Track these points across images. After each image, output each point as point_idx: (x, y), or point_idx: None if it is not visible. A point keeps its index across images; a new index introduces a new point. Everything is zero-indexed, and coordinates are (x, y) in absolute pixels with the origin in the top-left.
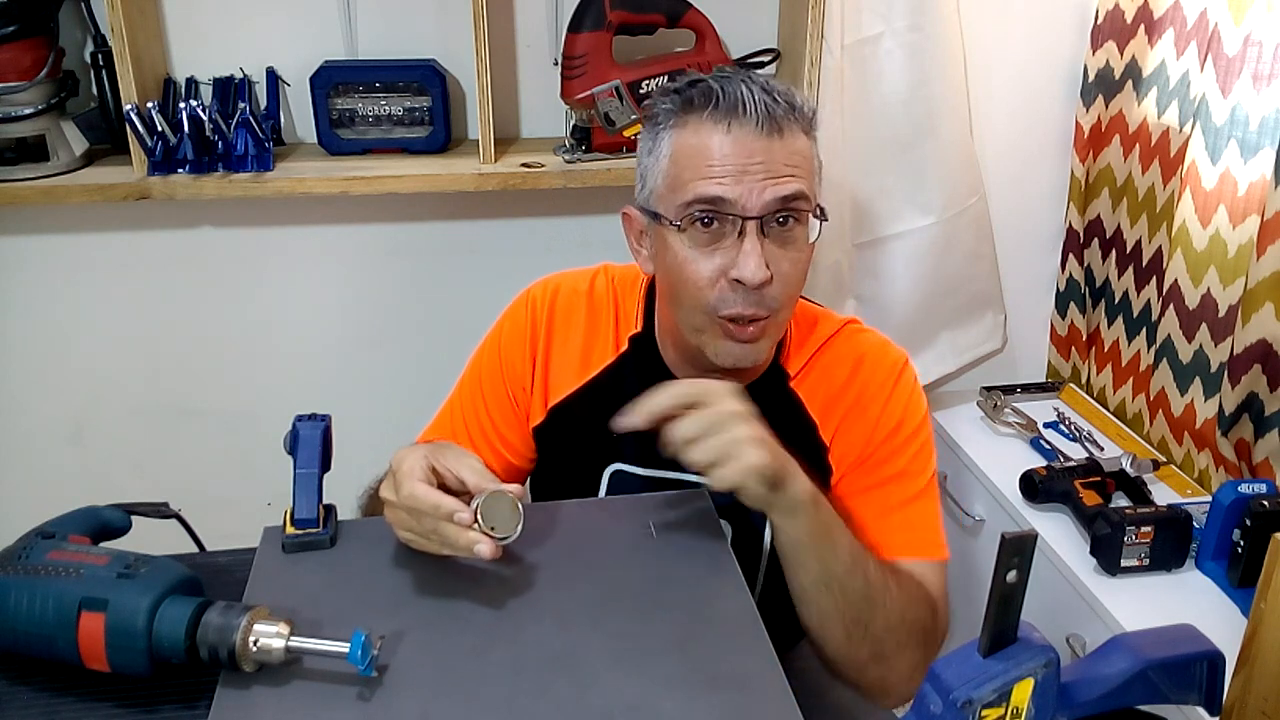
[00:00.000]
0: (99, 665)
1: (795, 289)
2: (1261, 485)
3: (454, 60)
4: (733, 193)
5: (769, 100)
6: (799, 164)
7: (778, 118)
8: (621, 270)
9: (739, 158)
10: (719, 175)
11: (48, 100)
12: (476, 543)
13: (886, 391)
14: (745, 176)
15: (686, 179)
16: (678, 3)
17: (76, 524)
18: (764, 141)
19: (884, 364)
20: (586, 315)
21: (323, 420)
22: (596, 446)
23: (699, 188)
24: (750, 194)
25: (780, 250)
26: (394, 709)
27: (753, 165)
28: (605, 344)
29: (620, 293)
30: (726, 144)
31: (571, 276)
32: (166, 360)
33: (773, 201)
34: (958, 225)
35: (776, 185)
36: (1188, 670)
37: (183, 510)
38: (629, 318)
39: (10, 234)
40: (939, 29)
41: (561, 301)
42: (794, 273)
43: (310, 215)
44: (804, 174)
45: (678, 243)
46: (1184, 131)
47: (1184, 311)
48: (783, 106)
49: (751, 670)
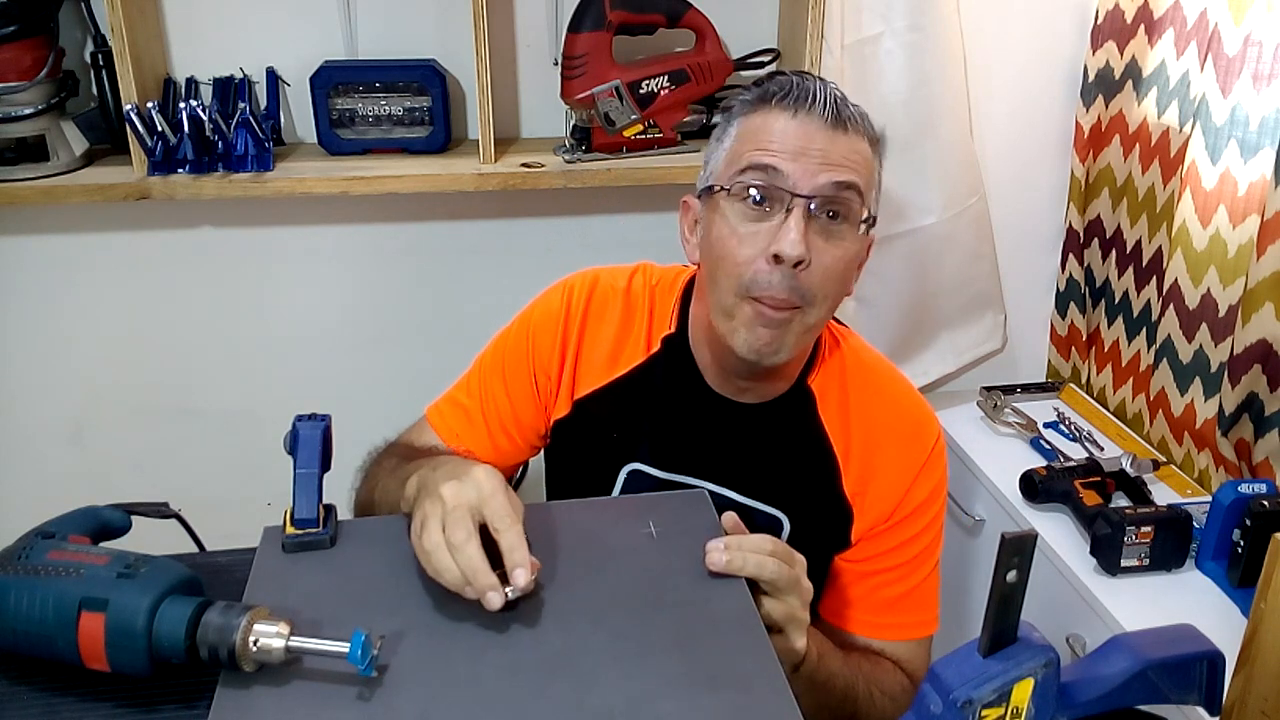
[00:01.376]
0: (99, 665)
1: (834, 287)
2: (1261, 485)
3: (454, 60)
4: (787, 167)
5: (840, 101)
6: (859, 163)
7: (845, 117)
8: (660, 271)
9: (800, 140)
10: (777, 150)
11: (48, 100)
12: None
13: (919, 465)
14: (802, 157)
15: (746, 150)
16: (678, 3)
17: (76, 524)
18: (827, 132)
19: (923, 434)
20: (622, 312)
21: (323, 420)
22: (617, 444)
23: (756, 156)
24: (804, 173)
25: (824, 242)
26: (394, 709)
27: (813, 149)
28: (637, 343)
29: (657, 293)
30: (791, 126)
31: (610, 272)
32: (166, 360)
33: (825, 185)
34: (958, 225)
35: (831, 171)
36: (1188, 670)
37: (183, 510)
38: (664, 318)
39: (10, 234)
40: (939, 29)
41: (599, 295)
42: (834, 267)
43: (310, 215)
44: (862, 172)
45: (727, 211)
46: (1184, 131)
47: (1184, 311)
48: (852, 111)
49: (751, 670)
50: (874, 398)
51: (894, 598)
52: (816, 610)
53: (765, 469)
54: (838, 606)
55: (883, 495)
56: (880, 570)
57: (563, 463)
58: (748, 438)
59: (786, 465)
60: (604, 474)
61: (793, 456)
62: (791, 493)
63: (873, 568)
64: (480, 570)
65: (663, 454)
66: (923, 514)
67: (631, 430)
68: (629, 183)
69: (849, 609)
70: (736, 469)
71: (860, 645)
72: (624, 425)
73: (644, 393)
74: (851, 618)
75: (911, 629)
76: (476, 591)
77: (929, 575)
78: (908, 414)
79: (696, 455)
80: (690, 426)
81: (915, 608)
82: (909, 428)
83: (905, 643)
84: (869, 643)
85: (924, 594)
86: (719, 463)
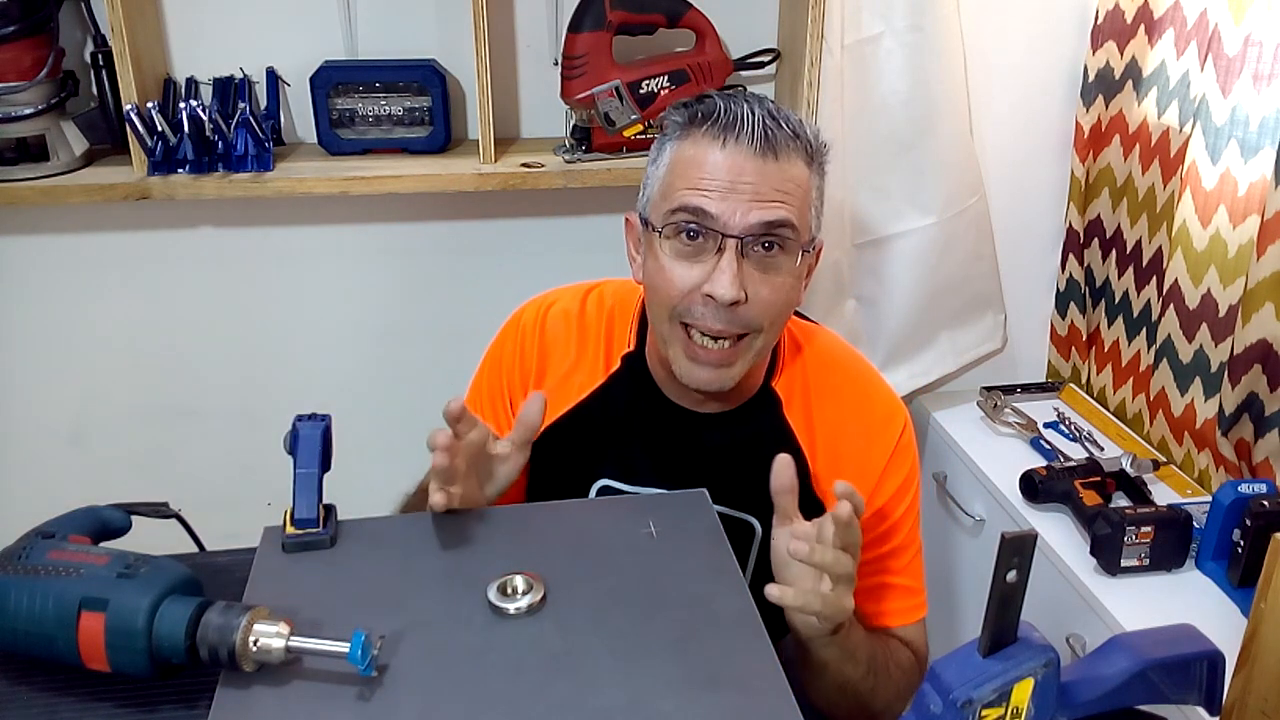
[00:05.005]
0: (99, 665)
1: (777, 314)
2: (1261, 485)
3: (454, 60)
4: (717, 208)
5: (771, 123)
6: (791, 191)
7: (776, 141)
8: (617, 287)
9: (729, 174)
10: (706, 188)
11: (48, 100)
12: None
13: (886, 457)
14: (732, 194)
15: (677, 188)
16: (678, 3)
17: (76, 524)
18: (756, 162)
19: (889, 426)
20: (577, 339)
21: (323, 420)
22: (586, 462)
23: (685, 197)
24: (734, 212)
25: (760, 274)
26: (394, 709)
27: (742, 184)
28: (594, 366)
29: (616, 313)
30: (720, 159)
31: (565, 296)
32: (166, 360)
33: (756, 225)
34: (958, 225)
35: (763, 209)
36: (1188, 670)
37: (183, 510)
38: (621, 337)
39: (10, 234)
40: (939, 29)
41: (551, 325)
42: (774, 299)
43: (310, 215)
44: (795, 202)
45: (661, 249)
46: (1184, 131)
47: (1184, 311)
48: (785, 132)
49: (751, 670)
50: (838, 394)
51: (879, 587)
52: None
53: (733, 475)
54: None
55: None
56: (863, 562)
57: (536, 482)
58: (713, 446)
59: (754, 469)
60: (575, 490)
61: (760, 460)
62: (762, 496)
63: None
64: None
65: (629, 469)
66: (897, 504)
67: (598, 449)
68: (629, 183)
69: None
70: (703, 477)
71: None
72: (591, 445)
73: (607, 412)
74: None
75: (901, 615)
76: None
77: (911, 561)
78: (873, 408)
79: (663, 467)
80: (654, 440)
81: (902, 595)
82: (875, 421)
83: (901, 629)
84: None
85: (909, 581)
86: (685, 473)
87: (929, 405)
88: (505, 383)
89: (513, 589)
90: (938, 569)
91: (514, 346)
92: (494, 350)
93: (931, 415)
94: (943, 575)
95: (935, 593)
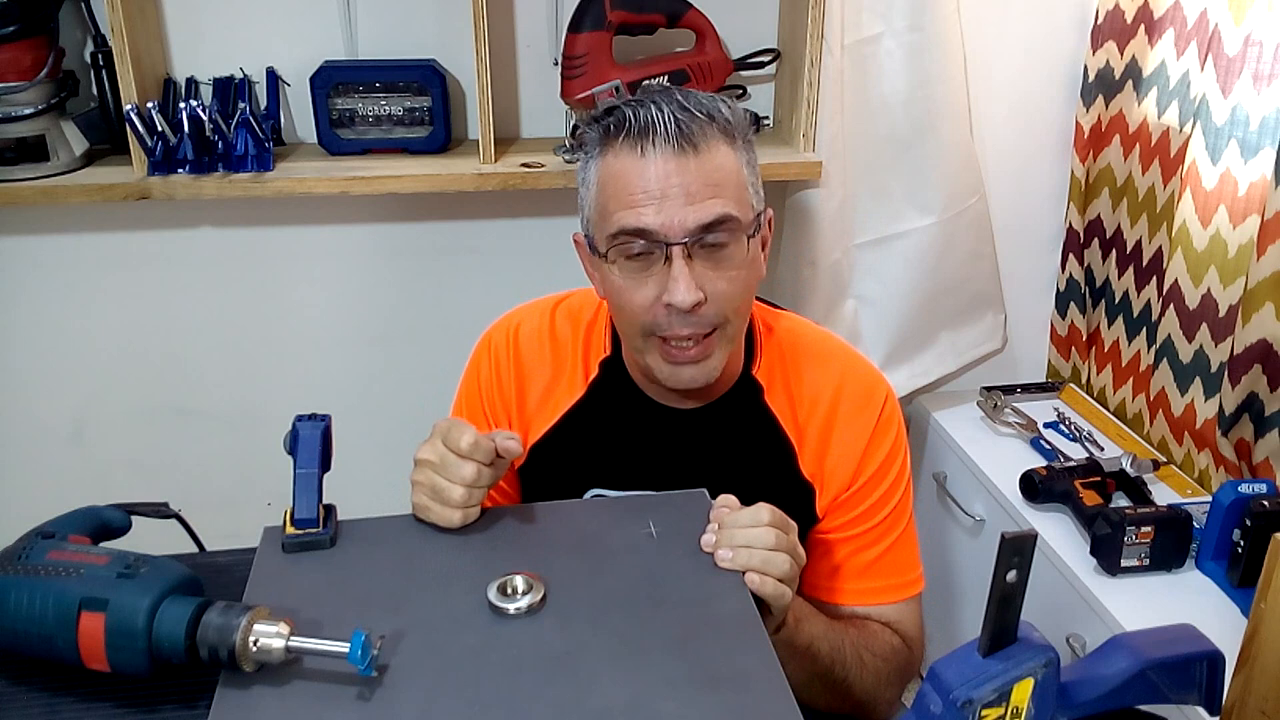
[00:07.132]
0: (99, 665)
1: (740, 304)
2: (1261, 485)
3: (454, 60)
4: (654, 221)
5: (682, 117)
6: (720, 181)
7: (691, 135)
8: (584, 297)
9: (657, 182)
10: (640, 204)
11: (48, 100)
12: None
13: (870, 428)
14: (665, 202)
15: (611, 209)
16: (678, 3)
17: (76, 524)
18: (678, 161)
19: (871, 398)
20: (552, 357)
21: (323, 420)
22: (575, 475)
23: (622, 219)
24: (671, 220)
25: (713, 271)
26: (394, 709)
27: (671, 189)
28: (573, 380)
29: (587, 322)
30: (644, 169)
31: (532, 315)
32: (166, 360)
33: (695, 227)
34: (958, 225)
35: (697, 210)
36: (1188, 670)
37: (183, 510)
38: (597, 344)
39: (10, 234)
40: (939, 29)
41: (524, 345)
42: (732, 290)
43: (310, 215)
44: (729, 191)
45: (610, 273)
46: (1184, 131)
47: (1184, 311)
48: (699, 120)
49: (751, 670)
50: (817, 373)
51: (871, 561)
52: (800, 587)
53: (720, 467)
54: (819, 580)
55: (841, 464)
56: (853, 536)
57: (528, 495)
58: (698, 441)
59: (741, 459)
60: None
61: (746, 449)
62: (751, 484)
63: (845, 534)
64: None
65: (619, 475)
66: (885, 475)
67: (586, 460)
68: None
69: (831, 580)
70: (692, 473)
71: (847, 615)
72: (578, 457)
73: (591, 422)
74: (835, 589)
75: (896, 591)
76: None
77: (904, 534)
78: (853, 381)
79: (650, 468)
80: (640, 443)
81: (895, 569)
82: (856, 395)
83: (894, 605)
84: (855, 610)
85: (902, 554)
86: (674, 471)
87: (929, 405)
88: (486, 409)
89: (513, 589)
90: (938, 569)
91: (490, 373)
92: (469, 379)
93: (931, 415)
94: (942, 575)
95: (935, 593)
